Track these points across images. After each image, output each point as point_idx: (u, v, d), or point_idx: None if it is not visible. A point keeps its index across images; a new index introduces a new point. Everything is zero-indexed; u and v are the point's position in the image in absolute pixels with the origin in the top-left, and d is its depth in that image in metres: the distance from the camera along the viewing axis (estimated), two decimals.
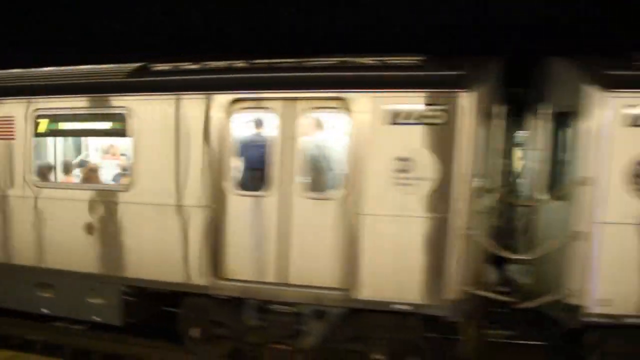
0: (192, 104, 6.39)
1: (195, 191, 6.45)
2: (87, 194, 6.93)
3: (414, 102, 5.76)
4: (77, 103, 6.86)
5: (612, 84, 5.49)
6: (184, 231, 6.54)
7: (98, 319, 7.07)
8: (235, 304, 6.63)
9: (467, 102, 5.66)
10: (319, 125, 6.43)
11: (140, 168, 6.67)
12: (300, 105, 6.17)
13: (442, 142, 5.71)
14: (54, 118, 7.02)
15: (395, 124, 5.82)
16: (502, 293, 6.18)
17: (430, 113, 5.73)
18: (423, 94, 5.74)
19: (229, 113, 6.33)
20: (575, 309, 5.68)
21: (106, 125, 6.85)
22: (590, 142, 5.58)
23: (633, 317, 5.56)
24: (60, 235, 7.03)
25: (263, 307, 6.52)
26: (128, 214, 6.75)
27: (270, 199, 6.28)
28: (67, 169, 7.85)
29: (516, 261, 6.26)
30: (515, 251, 6.67)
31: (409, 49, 6.71)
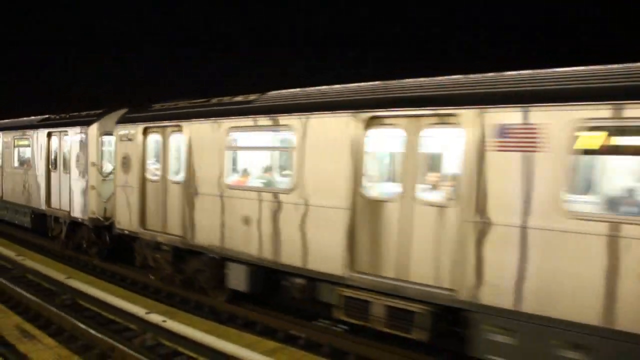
0: (38, 135, 15.53)
1: (40, 169, 15.50)
2: (23, 170, 16.81)
3: (77, 132, 13.56)
4: (18, 133, 16.92)
5: (118, 121, 12.12)
6: (37, 186, 15.63)
7: (25, 225, 16.77)
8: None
9: (91, 130, 13.15)
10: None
11: (32, 160, 16.13)
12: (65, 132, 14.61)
13: (85, 147, 13.30)
14: (23, 140, 17.31)
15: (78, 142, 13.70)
16: (105, 218, 13.15)
17: (80, 136, 13.42)
18: (79, 127, 13.49)
19: (48, 136, 15.20)
20: (114, 225, 12.36)
21: (27, 142, 16.60)
22: (113, 146, 12.28)
23: (127, 231, 11.93)
24: (18, 187, 17.06)
25: (44, 216, 15.07)
26: (29, 178, 16.25)
27: (57, 174, 14.86)
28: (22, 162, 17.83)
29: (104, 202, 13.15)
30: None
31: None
